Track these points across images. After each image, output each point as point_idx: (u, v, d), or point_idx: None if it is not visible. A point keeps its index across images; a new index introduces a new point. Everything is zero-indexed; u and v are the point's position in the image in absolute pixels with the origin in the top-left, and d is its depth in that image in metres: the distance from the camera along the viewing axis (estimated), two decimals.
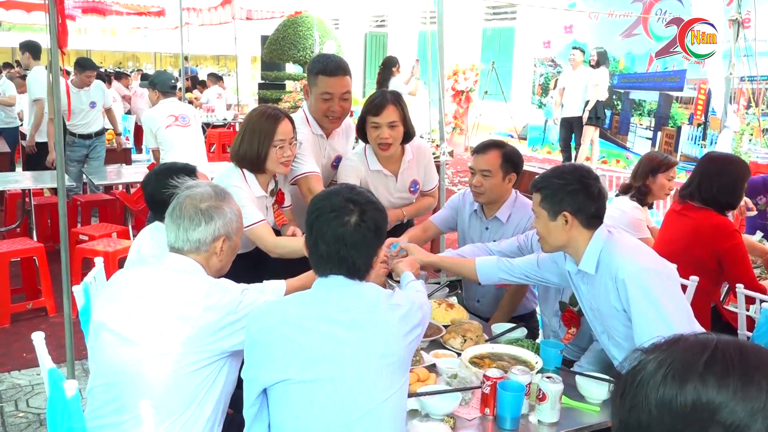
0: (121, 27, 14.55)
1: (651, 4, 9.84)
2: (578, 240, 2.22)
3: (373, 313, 1.73)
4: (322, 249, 1.75)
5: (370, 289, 1.78)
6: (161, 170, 2.62)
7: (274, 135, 2.71)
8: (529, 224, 2.97)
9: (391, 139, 3.04)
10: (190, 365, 1.81)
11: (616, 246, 2.19)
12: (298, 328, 1.70)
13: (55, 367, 1.90)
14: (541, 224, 2.26)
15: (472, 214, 3.15)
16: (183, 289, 1.89)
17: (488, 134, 12.23)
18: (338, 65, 3.04)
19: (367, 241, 1.75)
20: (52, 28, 3.31)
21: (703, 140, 9.31)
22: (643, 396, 0.87)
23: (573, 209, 2.19)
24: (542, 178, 2.29)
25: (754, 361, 0.85)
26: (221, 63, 25.11)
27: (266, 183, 2.85)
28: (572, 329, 2.55)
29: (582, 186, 2.19)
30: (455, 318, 2.67)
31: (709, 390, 0.83)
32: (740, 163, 3.29)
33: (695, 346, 0.89)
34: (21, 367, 3.88)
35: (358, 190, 1.83)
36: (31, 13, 10.13)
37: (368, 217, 1.75)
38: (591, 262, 2.21)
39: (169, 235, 1.99)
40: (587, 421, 2.05)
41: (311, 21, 13.15)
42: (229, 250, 2.04)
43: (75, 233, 5.04)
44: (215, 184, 2.14)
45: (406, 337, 1.75)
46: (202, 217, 1.96)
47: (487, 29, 15.22)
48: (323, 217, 1.75)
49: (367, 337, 1.70)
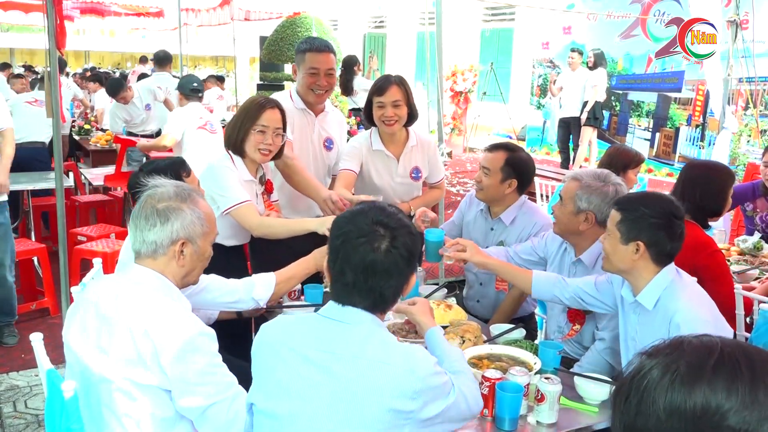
0: (120, 28, 14.57)
1: (649, 5, 9.84)
2: (642, 272, 2.15)
3: (352, 365, 1.52)
4: (348, 278, 1.57)
5: (375, 336, 1.57)
6: (148, 168, 2.55)
7: (257, 119, 2.80)
8: (534, 231, 2.97)
9: (395, 117, 3.15)
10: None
11: (681, 290, 2.13)
12: (274, 354, 1.61)
13: (54, 368, 1.89)
14: (610, 243, 2.18)
15: (478, 213, 3.17)
16: (141, 309, 1.77)
17: (487, 135, 12.26)
18: (324, 44, 3.24)
19: (399, 269, 1.59)
20: (50, 29, 3.32)
21: (701, 141, 9.31)
22: (650, 401, 0.86)
23: (648, 242, 2.11)
24: (628, 201, 2.20)
25: (759, 364, 0.86)
26: (220, 64, 25.08)
27: (254, 169, 2.91)
28: (576, 326, 2.55)
29: (666, 222, 2.12)
30: (454, 319, 2.67)
31: (718, 395, 0.83)
32: (723, 170, 3.19)
33: (701, 350, 0.88)
34: (19, 368, 3.88)
35: (388, 211, 1.66)
36: (29, 14, 10.12)
37: (400, 242, 1.59)
38: (651, 298, 2.14)
39: (130, 236, 1.92)
40: (586, 421, 2.05)
41: (310, 22, 13.11)
42: (193, 255, 1.90)
43: (73, 234, 5.04)
44: (181, 184, 2.03)
45: (396, 416, 1.49)
46: (157, 217, 1.85)
47: (485, 30, 15.22)
48: (351, 243, 1.57)
49: (337, 392, 1.51)
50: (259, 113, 2.80)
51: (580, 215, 2.52)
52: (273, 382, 1.60)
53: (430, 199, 3.50)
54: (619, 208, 2.18)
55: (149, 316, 1.75)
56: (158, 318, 1.75)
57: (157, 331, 1.72)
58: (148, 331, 1.71)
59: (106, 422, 1.77)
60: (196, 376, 1.73)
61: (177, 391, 1.73)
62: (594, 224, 2.52)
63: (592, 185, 2.51)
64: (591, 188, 2.51)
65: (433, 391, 1.55)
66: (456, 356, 1.87)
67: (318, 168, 3.32)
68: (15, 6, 10.17)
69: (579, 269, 2.60)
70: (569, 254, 2.69)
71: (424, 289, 3.05)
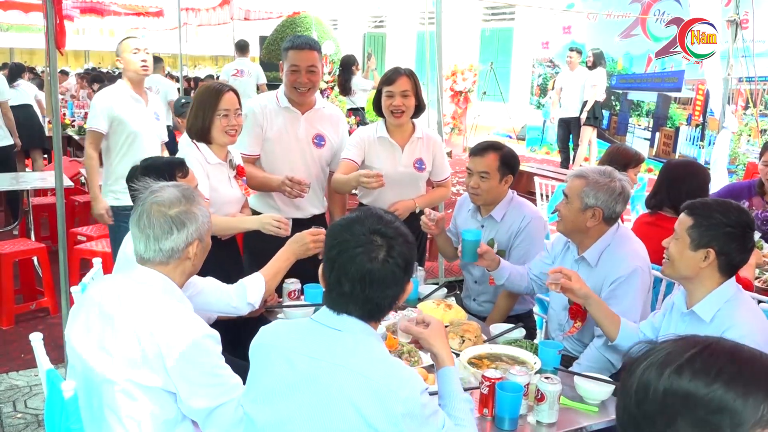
0: (119, 27, 14.54)
1: (649, 5, 9.85)
2: (705, 280, 2.09)
3: (332, 374, 1.49)
4: (345, 288, 1.55)
5: (362, 347, 1.54)
6: (145, 163, 2.49)
7: (217, 105, 2.85)
8: (523, 224, 2.99)
9: (403, 107, 3.20)
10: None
11: (741, 306, 2.07)
12: (265, 357, 1.61)
13: (53, 368, 1.89)
14: (677, 248, 2.11)
15: (468, 214, 3.19)
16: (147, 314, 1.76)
17: (487, 135, 12.24)
18: (305, 41, 3.24)
19: (396, 278, 1.57)
20: (50, 29, 3.31)
21: (701, 141, 9.31)
22: (630, 382, 0.93)
23: (720, 251, 2.04)
24: (704, 206, 2.11)
25: (739, 365, 0.89)
26: (219, 64, 25.08)
27: (223, 153, 2.96)
28: (577, 323, 2.55)
29: (741, 233, 2.05)
30: (454, 318, 2.67)
31: (682, 381, 0.88)
32: (702, 168, 3.35)
33: (691, 343, 0.93)
34: (19, 367, 3.87)
35: (385, 219, 1.62)
36: (29, 14, 10.12)
37: (396, 252, 1.56)
38: (710, 310, 2.07)
39: (137, 245, 1.86)
40: (586, 421, 2.05)
41: (310, 21, 13.12)
42: (201, 252, 1.93)
43: (73, 234, 5.04)
44: (180, 184, 2.01)
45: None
46: (173, 224, 1.83)
47: (485, 30, 15.23)
48: (347, 253, 1.55)
49: (313, 400, 1.50)
50: (219, 99, 2.86)
51: (587, 212, 2.52)
52: (259, 387, 1.60)
53: (436, 198, 3.51)
54: (691, 212, 2.10)
55: (154, 318, 1.74)
56: (163, 319, 1.74)
57: (162, 332, 1.71)
58: (154, 333, 1.71)
59: (108, 423, 1.76)
60: (201, 378, 1.73)
61: (183, 392, 1.73)
62: (601, 221, 2.53)
63: (600, 181, 2.52)
64: (598, 184, 2.51)
65: (417, 420, 1.48)
66: (463, 406, 1.75)
67: (308, 165, 3.32)
68: (15, 6, 10.18)
69: (581, 267, 2.60)
70: (572, 252, 2.69)
71: (424, 289, 3.05)
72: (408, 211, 3.28)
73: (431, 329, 1.83)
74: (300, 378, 1.53)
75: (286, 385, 1.55)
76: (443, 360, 1.80)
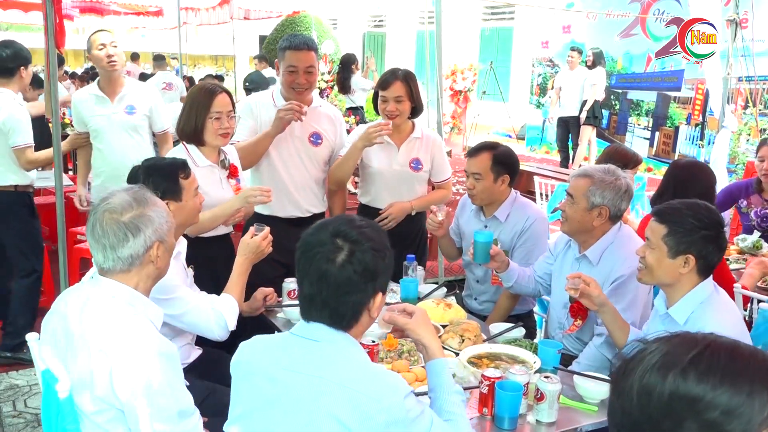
0: (119, 27, 14.52)
1: (649, 5, 9.85)
2: (684, 284, 2.08)
3: (308, 385, 1.46)
4: (306, 290, 1.53)
5: (341, 356, 1.50)
6: (147, 163, 2.45)
7: (210, 107, 2.83)
8: (527, 225, 2.99)
9: (397, 112, 3.21)
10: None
11: (715, 307, 2.06)
12: (244, 375, 1.59)
13: (49, 368, 1.88)
14: (654, 257, 2.09)
15: (471, 214, 3.18)
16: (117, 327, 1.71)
17: (486, 134, 12.25)
18: (303, 41, 3.21)
19: (355, 284, 1.50)
20: (49, 28, 3.31)
21: (700, 140, 9.32)
22: (629, 384, 0.92)
23: (699, 254, 2.03)
24: (675, 212, 2.09)
25: (741, 364, 0.88)
26: (219, 63, 25.08)
27: (213, 155, 2.94)
28: (578, 321, 2.55)
29: (716, 234, 2.05)
30: (453, 318, 2.67)
31: (689, 384, 0.87)
32: (709, 169, 3.36)
33: (689, 342, 0.92)
34: (19, 367, 3.87)
35: (356, 222, 1.57)
36: (28, 13, 10.11)
37: (357, 258, 1.50)
38: (684, 312, 2.08)
39: (96, 256, 1.79)
40: (585, 421, 2.05)
41: (309, 21, 13.12)
42: (165, 252, 1.85)
43: (73, 233, 5.03)
44: (131, 187, 1.92)
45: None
46: (127, 231, 1.75)
47: (485, 29, 15.23)
48: (308, 253, 1.52)
49: (291, 412, 1.47)
50: (211, 101, 2.84)
51: (594, 211, 2.53)
52: (241, 404, 1.59)
53: (435, 199, 3.45)
54: (662, 219, 2.09)
55: (108, 334, 1.69)
56: (117, 336, 1.68)
57: (113, 349, 1.66)
58: (104, 350, 1.66)
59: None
60: (149, 397, 1.64)
61: (127, 412, 1.66)
62: (607, 219, 2.53)
63: (605, 180, 2.52)
64: (604, 183, 2.51)
65: (402, 425, 1.46)
66: (454, 399, 1.71)
67: (305, 163, 3.30)
68: (14, 5, 10.17)
69: (583, 265, 2.59)
70: (573, 250, 2.69)
71: (424, 288, 3.05)
72: (403, 213, 3.27)
73: (416, 318, 1.78)
74: (280, 392, 1.50)
75: (266, 400, 1.52)
76: (433, 351, 1.75)
